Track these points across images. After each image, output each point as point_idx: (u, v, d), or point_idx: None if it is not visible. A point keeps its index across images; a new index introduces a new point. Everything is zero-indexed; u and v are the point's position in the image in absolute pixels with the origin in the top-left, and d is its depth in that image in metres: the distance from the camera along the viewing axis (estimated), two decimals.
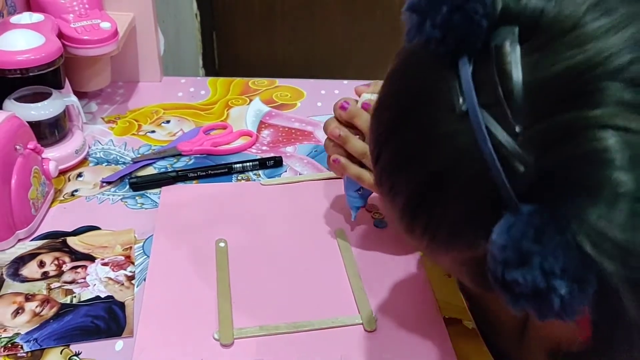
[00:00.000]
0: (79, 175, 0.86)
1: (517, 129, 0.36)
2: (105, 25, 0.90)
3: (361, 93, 0.73)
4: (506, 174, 0.36)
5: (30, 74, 0.80)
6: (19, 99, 0.83)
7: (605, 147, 0.34)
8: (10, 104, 0.82)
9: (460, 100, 0.38)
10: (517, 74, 0.36)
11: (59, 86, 0.87)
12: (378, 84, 0.70)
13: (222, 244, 0.74)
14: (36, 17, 0.86)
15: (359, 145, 0.70)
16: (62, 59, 0.84)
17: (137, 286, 0.69)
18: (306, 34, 2.24)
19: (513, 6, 0.38)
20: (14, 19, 0.86)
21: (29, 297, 0.67)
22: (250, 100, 1.05)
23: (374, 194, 0.74)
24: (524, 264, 0.35)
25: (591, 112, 0.34)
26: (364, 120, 0.69)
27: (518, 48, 0.37)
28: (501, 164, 0.36)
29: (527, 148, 0.36)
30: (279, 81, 1.11)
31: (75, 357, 0.61)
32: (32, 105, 0.83)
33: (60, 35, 0.87)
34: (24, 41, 0.80)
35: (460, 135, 0.38)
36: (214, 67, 2.28)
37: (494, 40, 0.38)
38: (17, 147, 0.73)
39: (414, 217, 0.42)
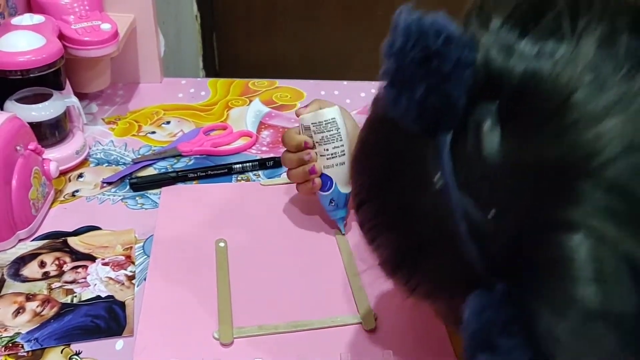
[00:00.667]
0: (80, 175, 0.86)
1: (492, 212, 0.35)
2: (106, 26, 0.91)
3: (300, 115, 0.73)
4: (480, 252, 0.36)
5: (31, 75, 0.81)
6: (20, 100, 0.83)
7: (572, 255, 0.32)
8: (11, 104, 0.82)
9: (438, 176, 0.37)
10: (494, 157, 0.35)
11: (60, 87, 0.87)
12: (315, 103, 0.74)
13: (221, 244, 0.74)
14: (37, 18, 0.87)
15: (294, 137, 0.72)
16: (63, 60, 0.84)
17: (138, 286, 0.69)
18: (306, 35, 2.25)
19: (495, 78, 0.36)
20: (15, 20, 0.86)
21: (29, 297, 0.67)
22: (250, 101, 1.05)
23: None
24: (491, 350, 0.35)
25: (566, 211, 0.33)
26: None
27: (498, 129, 0.35)
28: (475, 243, 0.36)
29: (500, 232, 0.35)
30: (279, 82, 1.12)
31: (75, 357, 0.61)
32: (32, 106, 0.83)
33: (61, 37, 0.88)
34: (25, 42, 0.81)
35: (437, 210, 0.37)
36: (214, 68, 2.29)
37: (473, 116, 0.36)
38: (18, 147, 0.74)
39: (394, 273, 0.43)
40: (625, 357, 0.32)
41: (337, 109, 0.72)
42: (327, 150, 0.71)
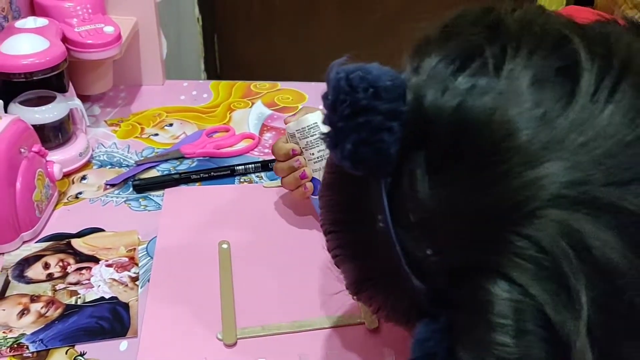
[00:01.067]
0: (83, 177, 0.87)
1: (428, 251, 0.37)
2: (109, 29, 0.91)
3: (287, 123, 0.75)
4: (422, 285, 0.38)
5: (35, 78, 0.81)
6: (24, 103, 0.84)
7: (494, 302, 0.33)
8: (14, 107, 0.83)
9: (380, 217, 0.39)
10: (427, 204, 0.36)
11: (63, 90, 0.87)
12: (302, 111, 0.77)
13: (224, 246, 0.75)
14: (41, 21, 0.87)
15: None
16: (66, 63, 0.84)
17: (141, 287, 0.70)
18: (306, 37, 2.25)
19: (426, 122, 0.36)
20: (19, 23, 0.87)
21: (34, 299, 0.68)
22: (252, 104, 1.05)
23: None
24: None
25: (493, 259, 0.34)
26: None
27: (426, 178, 0.36)
28: (417, 277, 0.38)
29: (437, 268, 0.37)
30: (280, 84, 1.12)
31: (80, 357, 0.62)
32: (36, 108, 0.83)
33: (64, 39, 0.88)
34: (28, 45, 0.81)
35: (382, 246, 0.39)
36: (215, 70, 2.29)
37: (407, 164, 0.37)
38: (22, 150, 0.74)
39: (357, 296, 0.47)
40: None
41: (319, 114, 0.73)
42: (313, 154, 0.73)
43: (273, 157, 0.90)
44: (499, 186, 0.34)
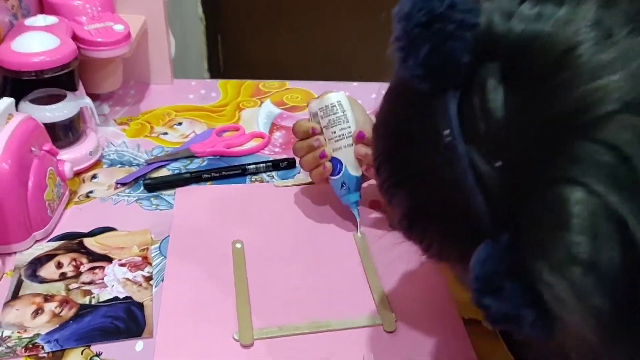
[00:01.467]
0: (94, 176, 0.86)
1: (497, 164, 0.37)
2: (119, 27, 0.90)
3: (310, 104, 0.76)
4: (486, 203, 0.38)
5: (45, 76, 0.80)
6: (34, 101, 0.83)
7: (568, 209, 0.33)
8: (25, 105, 0.82)
9: (446, 132, 0.39)
10: (498, 113, 0.37)
11: (73, 88, 0.87)
12: (325, 93, 0.76)
13: (238, 245, 0.74)
14: (50, 19, 0.87)
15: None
16: (77, 61, 0.84)
17: (155, 287, 0.69)
18: (311, 37, 2.25)
19: (497, 39, 0.38)
20: (28, 21, 0.86)
21: (47, 298, 0.67)
22: (261, 103, 1.05)
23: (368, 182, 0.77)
24: (494, 293, 0.37)
25: (565, 168, 0.34)
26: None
27: (500, 87, 0.37)
28: (481, 194, 0.38)
29: (504, 183, 0.37)
30: (289, 83, 1.11)
31: (96, 358, 0.61)
32: (46, 107, 0.83)
33: (74, 38, 0.87)
34: (38, 43, 0.80)
35: (446, 164, 0.39)
36: (219, 70, 2.29)
37: (478, 75, 0.38)
38: (33, 149, 0.73)
39: (409, 231, 0.46)
40: (611, 320, 0.33)
41: (343, 94, 0.75)
42: (335, 132, 0.73)
43: (284, 157, 0.90)
44: (569, 92, 0.34)
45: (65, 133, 0.85)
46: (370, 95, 1.09)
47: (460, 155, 0.38)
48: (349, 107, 0.74)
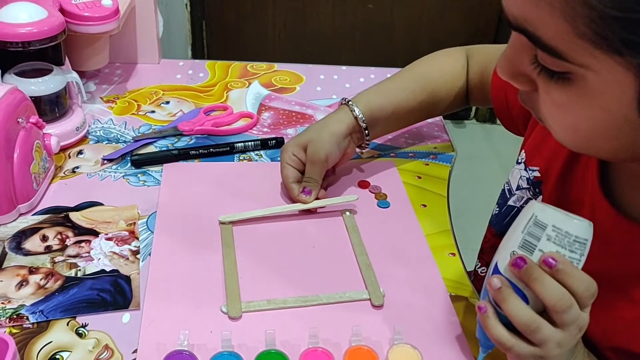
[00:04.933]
0: (80, 152, 0.85)
1: None
2: (107, 2, 0.89)
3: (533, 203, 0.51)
4: None
5: (32, 48, 0.79)
6: (19, 74, 0.82)
7: None
8: (10, 78, 0.81)
9: None
10: None
11: (60, 62, 0.86)
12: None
13: (226, 221, 0.74)
14: None
15: (521, 314, 0.49)
16: (65, 35, 0.83)
17: (142, 261, 0.68)
18: (297, 24, 2.24)
19: None
20: None
21: (32, 270, 0.66)
22: (250, 84, 1.04)
23: None
24: None
25: None
26: (547, 286, 0.48)
27: None
28: None
29: None
30: (277, 66, 1.11)
31: (82, 329, 0.60)
32: (32, 80, 0.81)
33: (61, 11, 0.86)
34: (26, 14, 0.79)
35: None
36: (203, 57, 2.27)
37: None
38: (20, 120, 0.72)
39: None
40: None
41: (591, 226, 0.49)
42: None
43: (272, 135, 0.90)
44: None
45: (51, 108, 0.84)
46: (358, 79, 1.09)
47: None
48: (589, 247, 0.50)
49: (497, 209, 0.74)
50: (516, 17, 0.44)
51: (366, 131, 0.78)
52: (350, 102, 0.78)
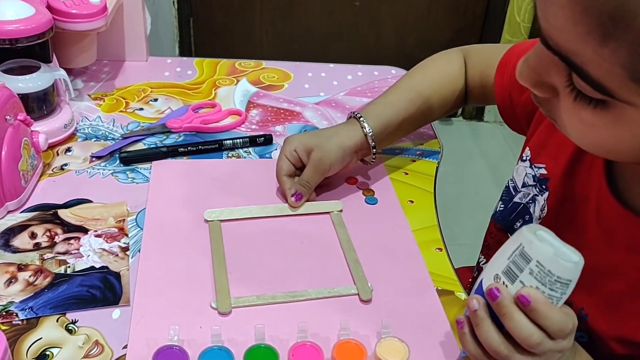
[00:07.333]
0: (68, 150, 0.85)
1: None
2: (95, 0, 0.89)
3: (527, 233, 0.50)
4: None
5: (19, 45, 0.79)
6: (6, 72, 0.82)
7: None
8: None
9: None
10: None
11: (47, 60, 0.85)
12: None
13: (214, 217, 0.74)
14: None
15: (491, 341, 0.51)
16: (52, 32, 0.82)
17: (132, 257, 0.69)
18: (285, 22, 2.25)
19: None
20: None
21: (21, 267, 0.66)
22: (238, 81, 1.05)
23: None
24: None
25: None
26: (515, 323, 0.49)
27: None
28: None
29: None
30: (265, 63, 1.11)
31: (72, 325, 0.60)
32: (20, 77, 0.81)
33: (48, 9, 0.86)
34: (12, 11, 0.79)
35: None
36: (190, 54, 2.27)
37: None
38: (7, 117, 0.72)
39: None
40: None
41: (578, 265, 0.49)
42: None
43: (261, 133, 0.90)
44: None
45: (39, 105, 0.84)
46: (346, 76, 1.10)
47: None
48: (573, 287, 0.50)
49: (502, 206, 0.75)
50: (560, 45, 0.43)
51: (374, 150, 0.79)
52: (361, 118, 0.78)
